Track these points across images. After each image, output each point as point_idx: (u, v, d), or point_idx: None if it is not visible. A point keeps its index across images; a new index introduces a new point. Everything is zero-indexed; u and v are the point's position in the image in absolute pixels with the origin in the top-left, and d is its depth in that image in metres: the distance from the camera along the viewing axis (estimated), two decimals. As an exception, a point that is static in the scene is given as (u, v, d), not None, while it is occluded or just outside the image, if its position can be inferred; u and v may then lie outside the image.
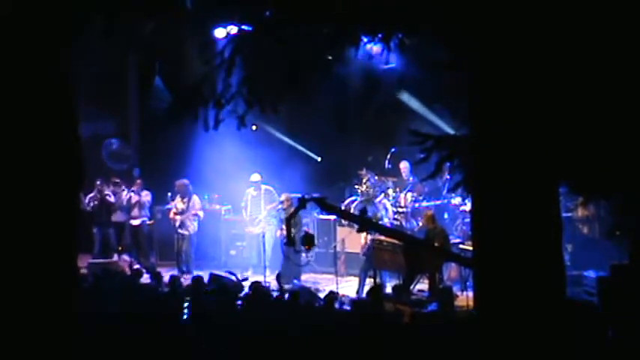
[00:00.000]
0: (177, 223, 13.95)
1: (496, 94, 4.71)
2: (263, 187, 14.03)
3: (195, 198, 14.08)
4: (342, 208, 13.54)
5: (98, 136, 15.66)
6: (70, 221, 5.07)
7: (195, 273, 13.24)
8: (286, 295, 9.13)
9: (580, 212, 12.06)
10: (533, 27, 4.64)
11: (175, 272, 12.75)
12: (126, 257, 14.47)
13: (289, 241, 7.10)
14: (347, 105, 15.29)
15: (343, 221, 13.31)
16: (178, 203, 14.04)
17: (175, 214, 14.01)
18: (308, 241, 7.59)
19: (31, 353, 4.73)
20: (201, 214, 14.13)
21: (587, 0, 4.79)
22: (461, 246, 11.93)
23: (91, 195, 14.65)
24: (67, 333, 4.91)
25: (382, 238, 11.62)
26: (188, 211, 13.95)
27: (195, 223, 14.06)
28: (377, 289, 9.49)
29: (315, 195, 6.80)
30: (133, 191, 14.73)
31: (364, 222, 8.83)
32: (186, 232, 13.94)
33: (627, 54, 4.75)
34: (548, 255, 4.80)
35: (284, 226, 12.93)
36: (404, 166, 13.76)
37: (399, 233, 11.61)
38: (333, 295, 8.91)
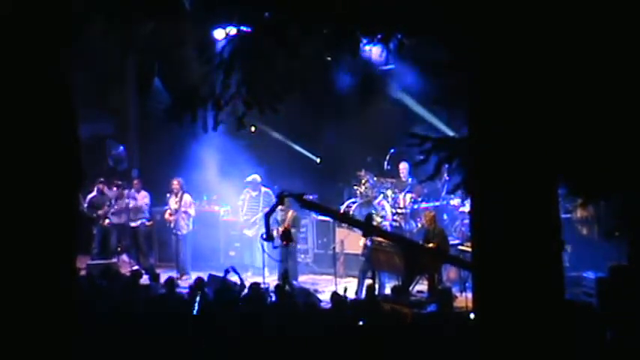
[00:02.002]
0: (172, 224, 13.92)
1: (496, 95, 4.71)
2: (263, 189, 13.98)
3: (186, 196, 13.90)
4: (342, 210, 13.56)
5: (97, 137, 15.66)
6: (69, 221, 5.06)
7: (194, 274, 13.27)
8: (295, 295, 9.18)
9: (579, 213, 12.06)
10: (532, 27, 4.64)
11: (173, 273, 12.75)
12: (125, 258, 14.45)
13: (268, 237, 7.22)
14: (346, 106, 15.27)
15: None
16: (172, 203, 13.99)
17: (170, 215, 13.97)
18: (286, 236, 7.87)
19: (31, 353, 4.73)
20: (191, 211, 13.93)
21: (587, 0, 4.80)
22: (460, 247, 11.94)
23: (91, 195, 14.66)
24: (66, 333, 4.91)
25: (381, 239, 11.62)
26: (180, 210, 13.92)
27: (189, 222, 13.98)
28: (371, 288, 9.51)
29: (295, 192, 6.94)
30: (131, 192, 14.74)
31: (348, 220, 8.90)
32: (179, 232, 13.87)
33: (627, 55, 4.75)
34: (548, 256, 4.80)
35: (280, 227, 12.98)
36: (403, 167, 13.75)
37: (397, 236, 11.64)
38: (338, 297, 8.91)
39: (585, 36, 4.73)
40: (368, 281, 11.42)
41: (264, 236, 7.13)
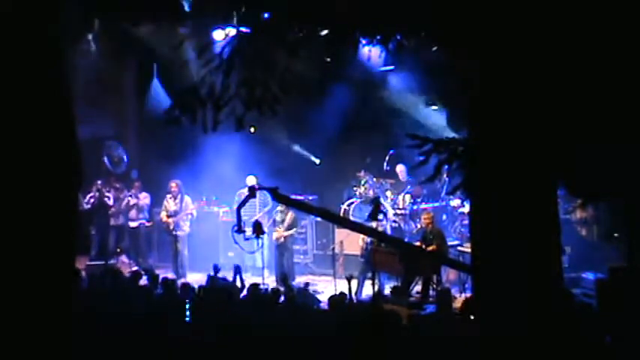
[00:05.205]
0: (172, 226, 13.92)
1: (495, 96, 4.72)
2: (259, 190, 13.95)
3: (187, 198, 14.04)
4: (342, 210, 13.58)
5: (96, 138, 15.66)
6: (68, 222, 5.05)
7: (192, 275, 13.27)
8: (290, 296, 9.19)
9: (578, 214, 12.09)
10: (531, 27, 4.64)
11: (169, 274, 12.75)
12: (124, 259, 14.46)
13: (239, 229, 7.34)
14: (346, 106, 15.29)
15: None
16: (170, 205, 14.00)
17: (168, 216, 13.97)
18: (258, 229, 8.14)
19: (31, 354, 4.72)
20: (194, 212, 14.13)
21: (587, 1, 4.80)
22: (459, 248, 11.96)
23: (90, 196, 14.66)
24: (65, 334, 4.90)
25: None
26: (181, 211, 13.93)
27: (188, 224, 14.05)
28: (378, 292, 9.53)
29: (267, 186, 7.08)
30: (131, 194, 14.74)
31: (327, 216, 8.91)
32: (181, 233, 13.91)
33: (627, 56, 4.75)
34: (547, 257, 4.80)
35: (277, 228, 13.01)
36: (400, 169, 13.76)
37: (394, 239, 11.65)
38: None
39: (585, 36, 4.73)
40: (367, 282, 11.45)
41: (236, 229, 7.31)
